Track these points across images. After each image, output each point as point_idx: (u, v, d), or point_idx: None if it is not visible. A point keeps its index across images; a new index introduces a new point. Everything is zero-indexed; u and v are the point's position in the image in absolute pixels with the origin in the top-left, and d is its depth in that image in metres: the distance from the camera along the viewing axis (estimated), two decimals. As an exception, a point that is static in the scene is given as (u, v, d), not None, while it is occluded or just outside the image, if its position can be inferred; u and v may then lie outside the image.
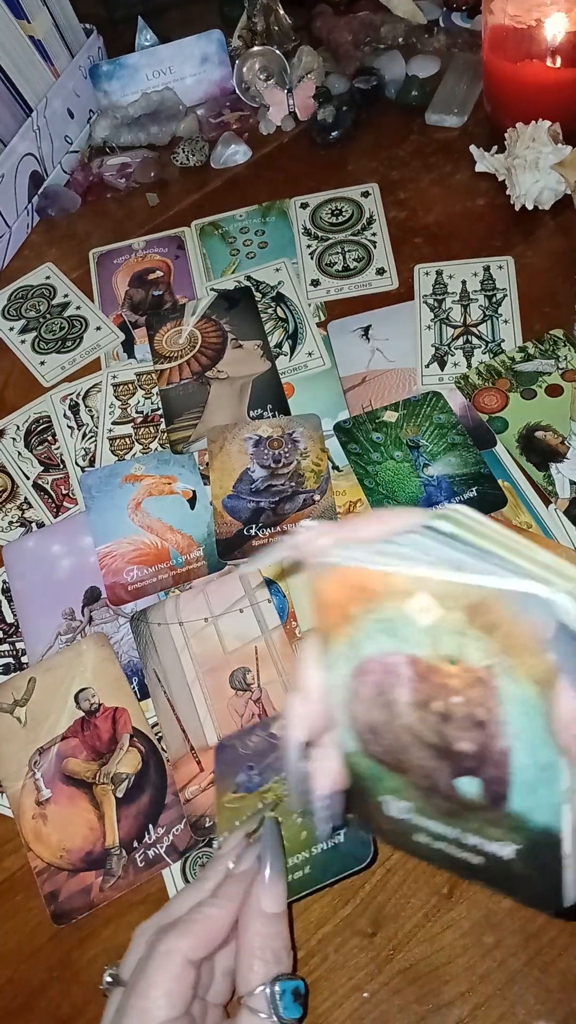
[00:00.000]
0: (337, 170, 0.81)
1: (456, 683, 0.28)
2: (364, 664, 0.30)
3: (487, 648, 0.27)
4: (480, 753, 0.29)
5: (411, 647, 0.29)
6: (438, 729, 0.29)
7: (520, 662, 0.26)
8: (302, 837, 0.44)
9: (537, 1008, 0.41)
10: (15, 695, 0.53)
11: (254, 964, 0.37)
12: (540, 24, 0.68)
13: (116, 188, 0.85)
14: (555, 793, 0.27)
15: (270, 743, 0.48)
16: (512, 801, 0.29)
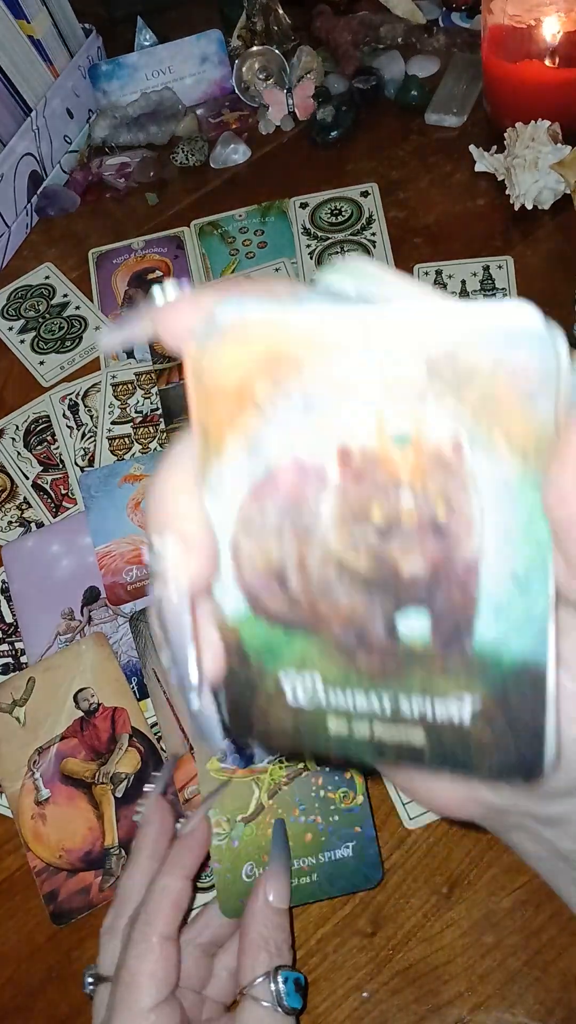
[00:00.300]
0: (336, 170, 0.81)
1: (407, 475, 0.20)
2: (270, 474, 0.21)
3: (455, 413, 0.20)
4: (435, 575, 0.21)
5: (344, 432, 0.20)
6: (376, 551, 0.21)
7: (501, 427, 0.19)
8: (307, 840, 0.43)
9: (537, 1008, 0.41)
10: (14, 695, 0.53)
11: (259, 955, 0.37)
12: (540, 24, 0.68)
13: (115, 188, 0.85)
14: (538, 606, 0.20)
15: None
16: (476, 632, 0.21)
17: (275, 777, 0.43)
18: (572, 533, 0.19)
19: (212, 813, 0.42)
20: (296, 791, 0.43)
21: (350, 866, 0.43)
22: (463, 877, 0.45)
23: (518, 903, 0.44)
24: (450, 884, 0.45)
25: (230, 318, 0.20)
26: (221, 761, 0.43)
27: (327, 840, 0.43)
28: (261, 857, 0.42)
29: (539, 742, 0.21)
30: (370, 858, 0.43)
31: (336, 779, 0.44)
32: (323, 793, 0.43)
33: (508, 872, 0.45)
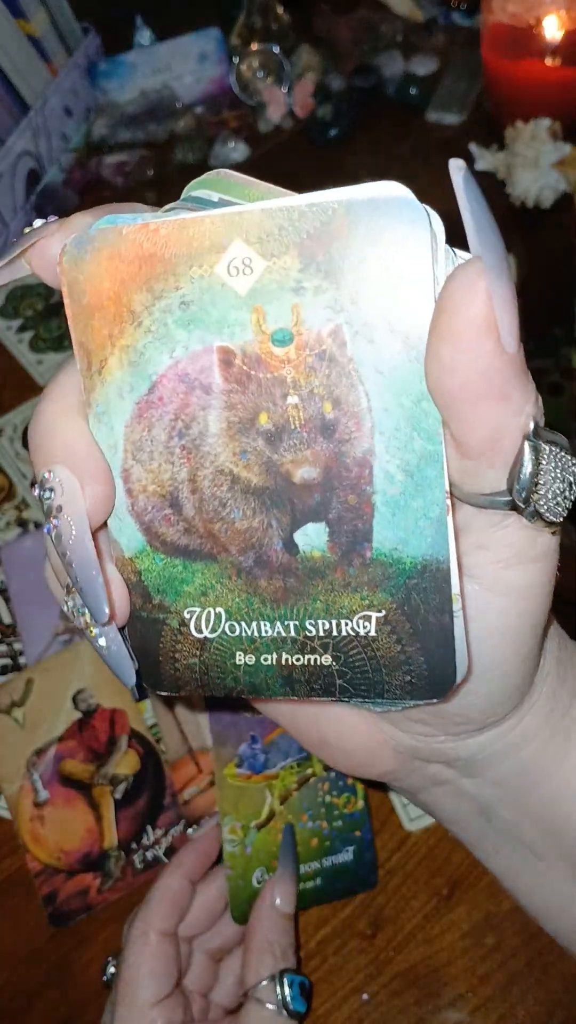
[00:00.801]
0: (336, 169, 0.81)
1: (291, 373, 0.19)
2: (153, 389, 0.20)
3: (333, 300, 0.19)
4: (327, 478, 0.20)
5: (224, 336, 0.20)
6: (267, 459, 0.20)
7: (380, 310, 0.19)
8: (312, 845, 0.43)
9: (537, 1010, 0.41)
10: (13, 696, 0.53)
11: (264, 958, 0.37)
12: (539, 22, 0.68)
13: (114, 186, 0.85)
14: (434, 502, 0.19)
15: None
16: (375, 536, 0.20)
17: (286, 783, 0.44)
18: (460, 407, 0.18)
19: (227, 820, 0.43)
20: (304, 797, 0.44)
21: (350, 870, 0.44)
22: (463, 879, 0.45)
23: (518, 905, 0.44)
24: (450, 886, 0.45)
25: (101, 231, 0.19)
26: (237, 766, 0.44)
27: (331, 845, 0.43)
28: (271, 863, 0.42)
29: (448, 650, 0.20)
30: (368, 862, 0.44)
31: (340, 784, 0.44)
32: (328, 799, 0.44)
33: (508, 874, 0.45)
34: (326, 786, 0.44)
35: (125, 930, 0.39)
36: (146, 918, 0.38)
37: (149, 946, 0.37)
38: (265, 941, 0.38)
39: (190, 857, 0.41)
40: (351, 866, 0.44)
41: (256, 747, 0.45)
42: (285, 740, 0.45)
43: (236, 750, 0.44)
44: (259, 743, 0.45)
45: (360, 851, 0.44)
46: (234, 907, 0.41)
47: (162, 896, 0.39)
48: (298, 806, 0.44)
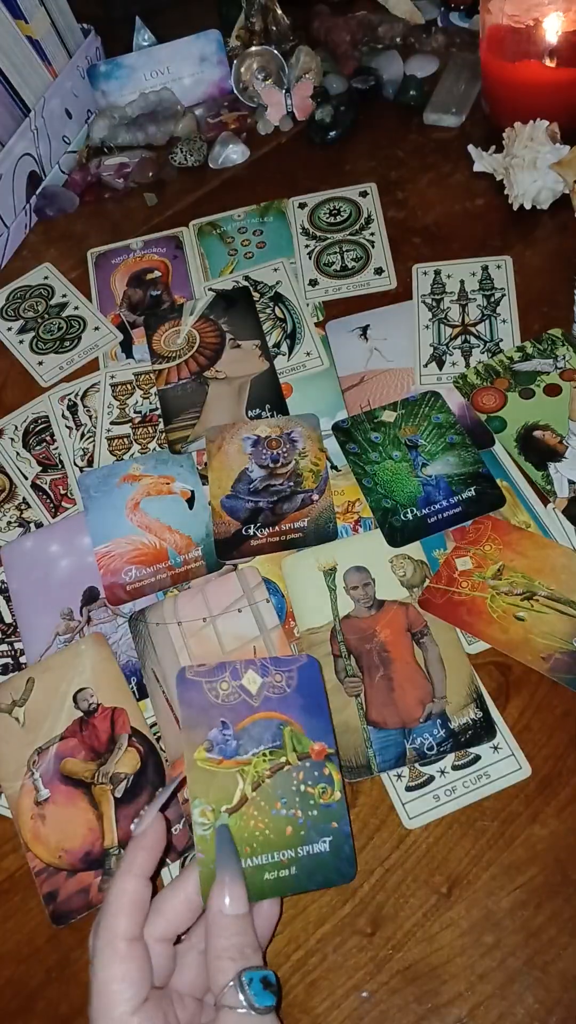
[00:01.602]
0: (335, 170, 0.81)
1: None
2: None
3: None
4: None
5: None
6: None
7: None
8: (287, 833, 0.43)
9: (536, 1008, 0.41)
10: (13, 695, 0.53)
11: (223, 965, 0.37)
12: (538, 24, 0.68)
13: (114, 188, 0.85)
14: None
15: (244, 700, 0.46)
16: None
17: (259, 769, 0.44)
18: None
19: (197, 803, 0.43)
20: (278, 784, 0.44)
21: (327, 861, 0.43)
22: (462, 877, 0.45)
23: (518, 903, 0.44)
24: (449, 884, 0.45)
25: None
26: (208, 751, 0.44)
27: (306, 834, 0.43)
28: (243, 849, 0.42)
29: None
30: (346, 855, 0.43)
31: (316, 775, 0.44)
32: (303, 788, 0.44)
33: (508, 872, 0.45)
34: (301, 775, 0.44)
35: (90, 941, 0.38)
36: (109, 926, 0.37)
37: (118, 953, 0.37)
38: (221, 949, 0.37)
39: (138, 855, 0.40)
40: (328, 858, 0.43)
41: (227, 733, 0.44)
42: (257, 728, 0.45)
43: (206, 735, 0.44)
44: (230, 729, 0.45)
45: (337, 843, 0.43)
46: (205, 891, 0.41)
47: (119, 900, 0.38)
48: (271, 793, 0.44)
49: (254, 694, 0.46)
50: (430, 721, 0.49)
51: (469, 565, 0.54)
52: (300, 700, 0.46)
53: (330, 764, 0.45)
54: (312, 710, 0.46)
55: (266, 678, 0.47)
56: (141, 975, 0.37)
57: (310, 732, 0.45)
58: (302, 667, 0.47)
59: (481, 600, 0.52)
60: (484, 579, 0.53)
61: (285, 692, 0.46)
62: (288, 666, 0.47)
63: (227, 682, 0.46)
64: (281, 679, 0.47)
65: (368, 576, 0.54)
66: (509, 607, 0.51)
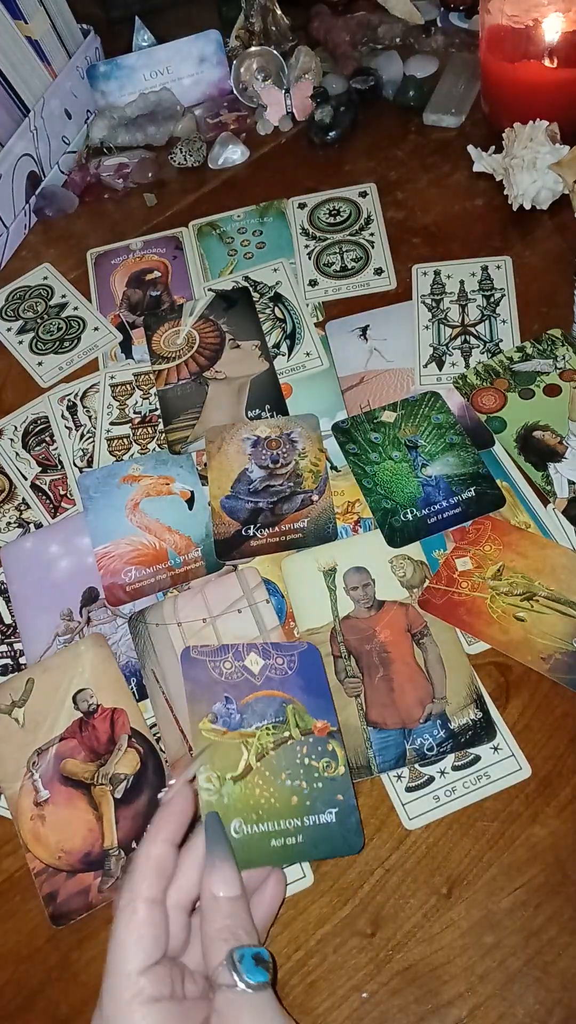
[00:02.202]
0: (335, 170, 0.81)
1: None
2: None
3: None
4: None
5: None
6: None
7: None
8: (293, 803, 0.44)
9: (536, 1008, 0.41)
10: (13, 696, 0.53)
11: (216, 946, 0.37)
12: (538, 24, 0.68)
13: (114, 188, 0.85)
14: None
15: (247, 679, 0.47)
16: None
17: (263, 742, 0.45)
18: None
19: (203, 771, 0.44)
20: (282, 757, 0.45)
21: (334, 831, 0.44)
22: (463, 877, 0.45)
23: (518, 903, 0.44)
24: (450, 884, 0.45)
25: None
26: (212, 722, 0.45)
27: (311, 804, 0.44)
28: (248, 815, 0.43)
29: None
30: (352, 826, 0.44)
31: (320, 750, 0.46)
32: (307, 761, 0.45)
33: (508, 872, 0.45)
34: (305, 749, 0.46)
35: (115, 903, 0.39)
36: (131, 887, 0.38)
37: (136, 914, 0.37)
38: (214, 931, 0.38)
39: (167, 820, 0.40)
40: (334, 828, 0.44)
41: (231, 707, 0.46)
42: (260, 704, 0.46)
43: (211, 707, 0.46)
44: (234, 704, 0.46)
45: (344, 814, 0.44)
46: None
47: (144, 863, 0.39)
48: (276, 765, 0.45)
49: (256, 674, 0.48)
50: (430, 721, 0.49)
51: (469, 565, 0.54)
52: (301, 682, 0.48)
53: (333, 741, 0.47)
54: (313, 691, 0.48)
55: (268, 660, 0.48)
56: (156, 938, 0.37)
57: (312, 711, 0.47)
58: (302, 652, 0.49)
59: (481, 600, 0.52)
60: (484, 579, 0.53)
61: (287, 674, 0.48)
62: (289, 651, 0.49)
63: (230, 662, 0.48)
64: (283, 662, 0.49)
65: (368, 576, 0.54)
66: (509, 607, 0.51)
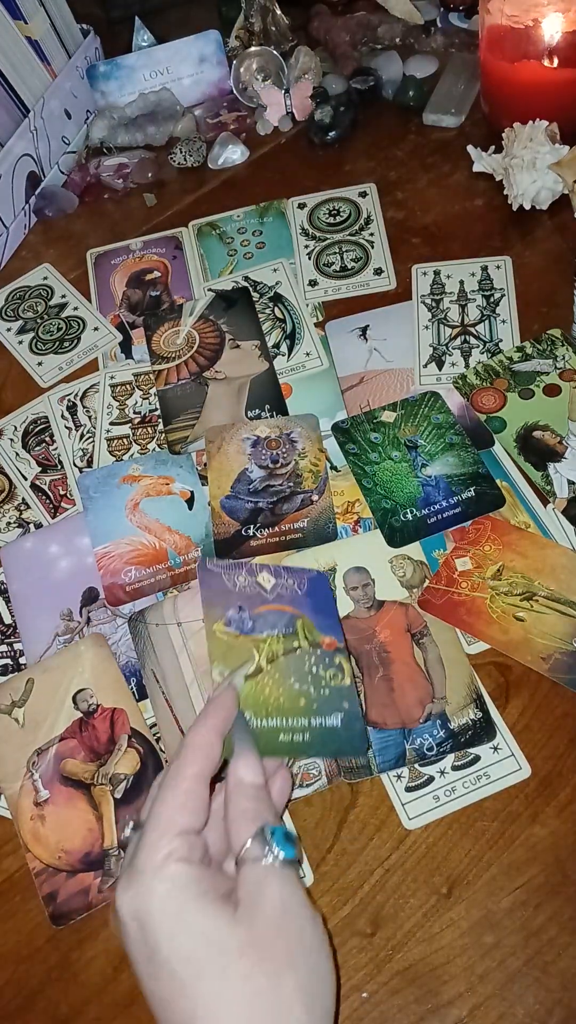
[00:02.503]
0: (335, 170, 0.81)
1: None
2: None
3: None
4: None
5: None
6: None
7: None
8: (301, 704, 0.46)
9: (536, 1008, 0.41)
10: (13, 696, 0.53)
11: (241, 824, 0.38)
12: (537, 24, 0.68)
13: (113, 189, 0.85)
14: None
15: (259, 593, 0.49)
16: None
17: (273, 648, 0.47)
18: None
19: (216, 667, 0.46)
20: (291, 663, 0.47)
21: (339, 734, 0.46)
22: (462, 877, 0.45)
23: (518, 903, 0.44)
24: (449, 884, 0.45)
25: None
26: (226, 625, 0.47)
27: (319, 707, 0.46)
28: (260, 710, 0.45)
29: None
30: (357, 730, 0.46)
31: (327, 661, 0.48)
32: (315, 670, 0.48)
33: (508, 872, 0.45)
34: (312, 659, 0.48)
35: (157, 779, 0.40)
36: (178, 766, 0.39)
37: (185, 783, 0.38)
38: (240, 812, 0.39)
39: (215, 711, 0.42)
40: (339, 730, 0.46)
41: (243, 614, 0.48)
42: (271, 616, 0.48)
43: (225, 612, 0.48)
44: (246, 611, 0.48)
45: (349, 719, 0.46)
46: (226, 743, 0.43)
47: (192, 745, 0.39)
48: (285, 669, 0.47)
49: (268, 589, 0.49)
50: (430, 721, 0.49)
51: (469, 565, 0.54)
52: (311, 602, 0.50)
53: (340, 655, 0.49)
54: (322, 611, 0.50)
55: (279, 579, 0.50)
56: (197, 810, 0.38)
57: (320, 628, 0.49)
58: (312, 578, 0.51)
59: (481, 600, 0.52)
60: (484, 579, 0.53)
61: (297, 593, 0.50)
62: (299, 575, 0.51)
63: (244, 576, 0.49)
64: (293, 582, 0.50)
65: (368, 576, 0.54)
66: (509, 607, 0.51)
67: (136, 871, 0.36)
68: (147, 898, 0.35)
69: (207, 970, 0.34)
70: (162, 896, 0.35)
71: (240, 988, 0.33)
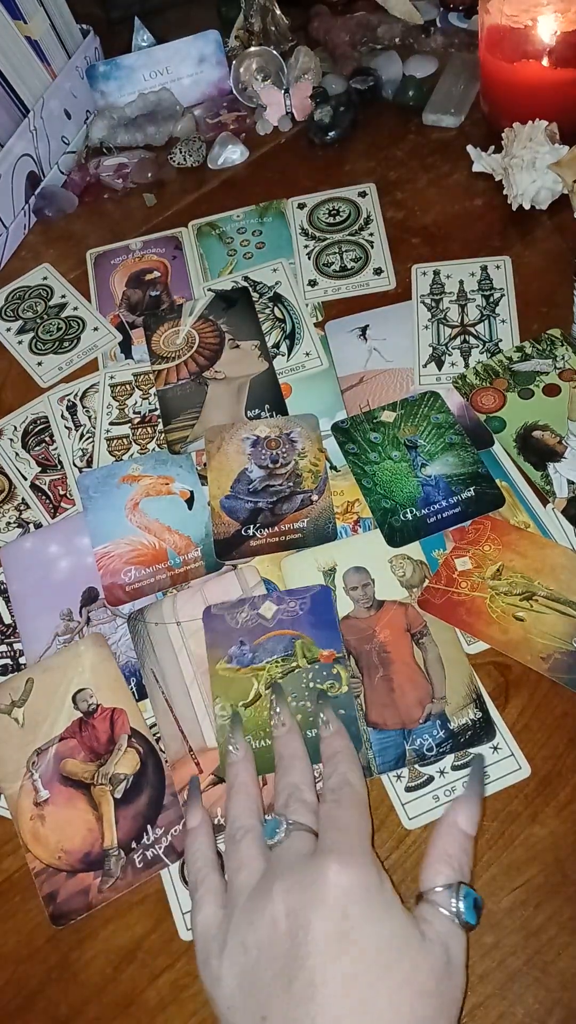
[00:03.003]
0: (334, 170, 0.81)
1: None
2: None
3: None
4: None
5: None
6: None
7: None
8: (297, 719, 0.48)
9: (536, 1008, 0.41)
10: (13, 696, 0.53)
11: (441, 868, 0.39)
12: (537, 24, 0.68)
13: (113, 189, 0.85)
14: None
15: (260, 624, 0.52)
16: None
17: (271, 673, 0.51)
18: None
19: (218, 701, 0.50)
20: (289, 683, 0.50)
21: None
22: (462, 877, 0.45)
23: (517, 903, 0.44)
24: (449, 884, 0.45)
25: None
26: (227, 662, 0.51)
27: (315, 720, 0.48)
28: (256, 732, 0.49)
29: None
30: (352, 733, 0.48)
31: (324, 673, 0.51)
32: (313, 685, 0.50)
33: (507, 872, 0.45)
34: (310, 675, 0.51)
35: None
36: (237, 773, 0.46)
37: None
38: (444, 853, 0.40)
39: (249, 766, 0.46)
40: None
41: (244, 648, 0.52)
42: (271, 642, 0.51)
43: (227, 650, 0.52)
44: (247, 645, 0.52)
45: (345, 724, 0.48)
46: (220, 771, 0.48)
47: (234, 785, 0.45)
48: (284, 690, 0.49)
49: (269, 618, 0.52)
50: (430, 722, 0.49)
51: (468, 565, 0.54)
52: (311, 618, 0.53)
53: (338, 665, 0.51)
54: (322, 625, 0.52)
55: (281, 605, 0.52)
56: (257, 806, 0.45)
57: (320, 642, 0.52)
58: (315, 595, 0.53)
59: (481, 600, 0.52)
60: (483, 579, 0.53)
61: (298, 614, 0.52)
62: (303, 595, 0.54)
63: (246, 612, 0.52)
64: (295, 604, 0.53)
65: (367, 576, 0.54)
66: (508, 607, 0.51)
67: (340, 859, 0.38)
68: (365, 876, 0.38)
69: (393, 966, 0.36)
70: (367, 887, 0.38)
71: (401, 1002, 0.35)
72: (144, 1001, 0.44)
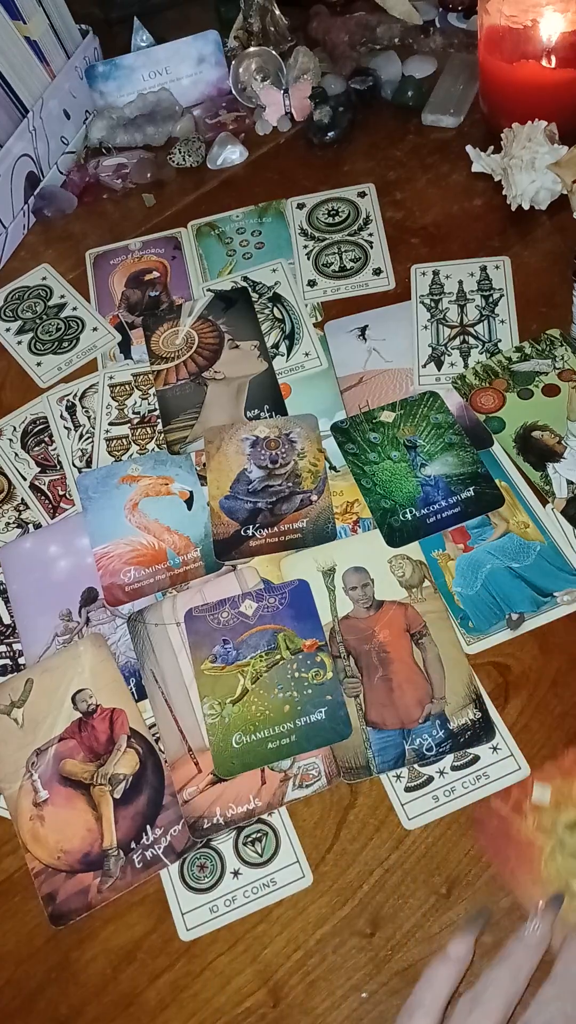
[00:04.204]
0: (333, 171, 0.81)
1: None
2: None
3: None
4: None
5: None
6: None
7: None
8: (285, 710, 0.50)
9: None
10: (12, 696, 0.53)
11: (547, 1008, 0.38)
12: (536, 24, 0.68)
13: (112, 189, 0.85)
14: None
15: (242, 621, 0.53)
16: None
17: (256, 668, 0.51)
18: None
19: (206, 700, 0.51)
20: (274, 675, 0.51)
21: (324, 726, 0.49)
22: (462, 877, 0.45)
23: (517, 903, 0.44)
24: (449, 884, 0.45)
25: None
26: (212, 662, 0.52)
27: (302, 708, 0.50)
28: (246, 727, 0.49)
29: None
30: (341, 718, 0.49)
31: (308, 663, 0.51)
32: (297, 674, 0.51)
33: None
34: (295, 665, 0.51)
35: None
36: None
37: None
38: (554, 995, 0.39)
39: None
40: (324, 723, 0.49)
41: (228, 647, 0.52)
42: (254, 638, 0.52)
43: (211, 650, 0.52)
44: (231, 643, 0.52)
45: (332, 710, 0.49)
46: (218, 764, 0.49)
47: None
48: (269, 683, 0.51)
49: (250, 615, 0.53)
50: (429, 722, 0.49)
51: (547, 799, 0.44)
52: (291, 611, 0.53)
53: (322, 653, 0.52)
54: (303, 617, 0.53)
55: (261, 602, 0.53)
56: None
57: (302, 633, 0.52)
58: (293, 589, 0.54)
59: (538, 850, 0.44)
60: (555, 824, 0.43)
61: (278, 608, 0.53)
62: (281, 589, 0.54)
63: (227, 611, 0.53)
64: (275, 600, 0.53)
65: (367, 576, 0.54)
66: (567, 871, 0.42)
67: None
68: None
69: None
70: None
71: None
72: (144, 1001, 0.44)
